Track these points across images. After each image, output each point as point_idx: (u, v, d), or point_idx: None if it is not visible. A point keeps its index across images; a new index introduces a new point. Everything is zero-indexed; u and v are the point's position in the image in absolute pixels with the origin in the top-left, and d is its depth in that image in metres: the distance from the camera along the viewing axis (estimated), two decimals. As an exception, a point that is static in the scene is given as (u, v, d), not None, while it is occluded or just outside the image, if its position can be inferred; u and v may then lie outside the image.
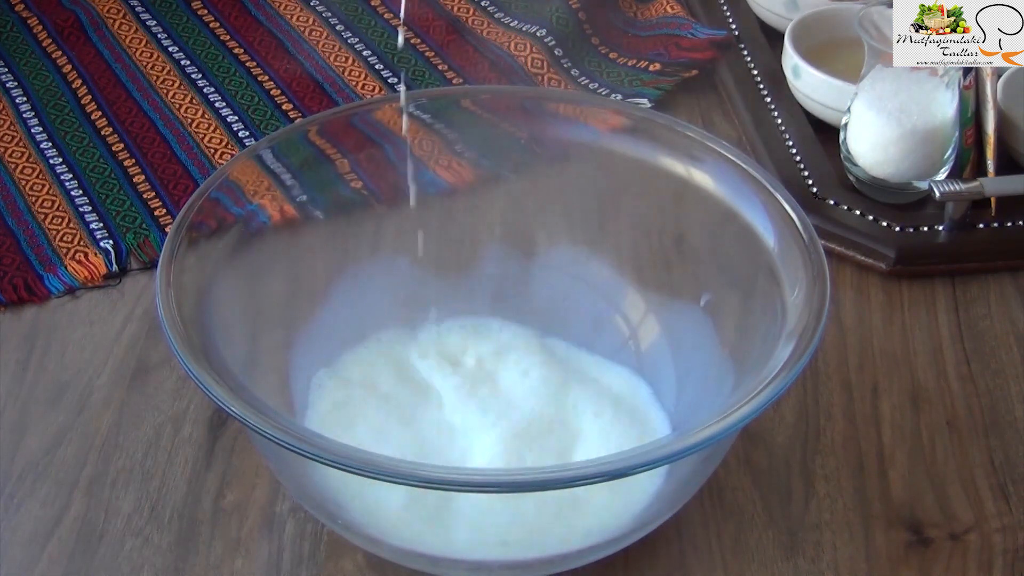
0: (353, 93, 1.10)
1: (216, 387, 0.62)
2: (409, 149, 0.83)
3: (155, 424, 0.80)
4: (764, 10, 1.13)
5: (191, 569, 0.72)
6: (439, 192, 0.90)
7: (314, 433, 0.61)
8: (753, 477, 0.77)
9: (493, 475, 0.64)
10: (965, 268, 0.91)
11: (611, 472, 0.60)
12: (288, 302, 0.79)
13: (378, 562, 0.72)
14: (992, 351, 0.85)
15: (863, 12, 0.91)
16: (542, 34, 1.14)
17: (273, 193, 0.78)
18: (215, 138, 1.05)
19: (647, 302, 0.81)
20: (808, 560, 0.72)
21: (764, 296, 0.71)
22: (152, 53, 1.15)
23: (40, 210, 0.97)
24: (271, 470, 0.75)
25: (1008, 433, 0.80)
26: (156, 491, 0.76)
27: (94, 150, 1.04)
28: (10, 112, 1.08)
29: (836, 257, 0.91)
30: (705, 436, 0.60)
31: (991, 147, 0.93)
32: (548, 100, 0.86)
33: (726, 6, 1.16)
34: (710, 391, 0.73)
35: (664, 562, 0.72)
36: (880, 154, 0.93)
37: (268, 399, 0.65)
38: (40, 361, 0.85)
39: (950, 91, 0.91)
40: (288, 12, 1.20)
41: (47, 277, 0.91)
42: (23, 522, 0.75)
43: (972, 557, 0.73)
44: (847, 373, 0.83)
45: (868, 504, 0.75)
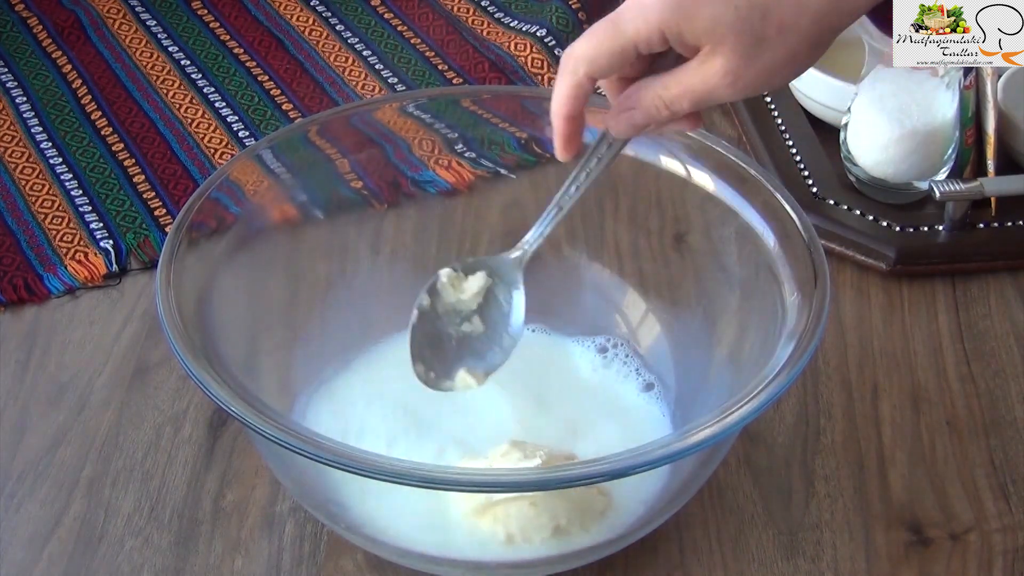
0: (353, 93, 1.10)
1: (216, 387, 0.62)
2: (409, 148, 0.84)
3: (155, 424, 0.80)
4: (764, 10, 1.13)
5: (191, 569, 0.72)
6: (439, 192, 0.90)
7: (314, 433, 0.61)
8: (753, 477, 0.77)
9: (493, 475, 0.64)
10: (965, 268, 0.91)
11: (611, 472, 0.60)
12: (288, 302, 0.79)
13: (378, 562, 0.72)
14: (992, 351, 0.85)
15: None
16: (542, 34, 1.14)
17: (273, 193, 0.78)
18: (215, 138, 1.05)
19: (647, 302, 0.81)
20: (808, 560, 0.72)
21: (764, 296, 0.71)
22: (152, 53, 1.15)
23: (40, 210, 0.97)
24: (271, 470, 0.75)
25: (1008, 433, 0.80)
26: (156, 491, 0.76)
27: (94, 150, 1.04)
28: (10, 112, 1.08)
29: (836, 257, 0.91)
30: (705, 436, 0.60)
31: (991, 147, 0.93)
32: (548, 100, 0.86)
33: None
34: (710, 391, 0.74)
35: (664, 562, 0.72)
36: (880, 154, 0.93)
37: (268, 399, 0.65)
38: (40, 361, 0.85)
39: (950, 91, 0.91)
40: (288, 12, 1.20)
41: (47, 277, 0.91)
42: (23, 522, 0.75)
43: (972, 557, 0.73)
44: (847, 373, 0.83)
45: (868, 504, 0.75)
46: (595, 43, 0.60)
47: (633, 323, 0.81)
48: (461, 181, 0.92)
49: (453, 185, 0.91)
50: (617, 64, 0.60)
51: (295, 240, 0.80)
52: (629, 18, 0.59)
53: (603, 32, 0.60)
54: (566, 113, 0.63)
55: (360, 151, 0.82)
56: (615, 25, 0.59)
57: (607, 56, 0.60)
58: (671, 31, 0.58)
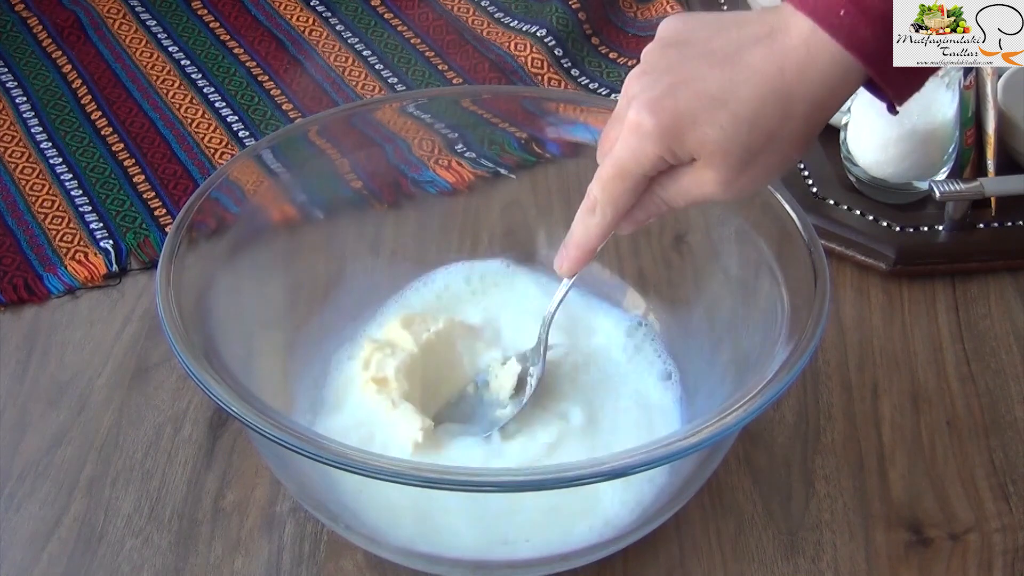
0: (353, 93, 1.10)
1: (216, 387, 0.62)
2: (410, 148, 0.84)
3: (155, 424, 0.80)
4: (764, 10, 1.13)
5: (191, 569, 0.72)
6: (439, 192, 0.90)
7: (314, 433, 0.61)
8: (753, 477, 0.77)
9: (493, 475, 0.64)
10: (965, 268, 0.91)
11: (611, 472, 0.60)
12: (288, 302, 0.79)
13: (378, 562, 0.72)
14: (992, 351, 0.85)
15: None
16: (542, 34, 1.14)
17: (273, 193, 0.78)
18: (215, 138, 1.05)
19: (647, 302, 0.81)
20: (808, 560, 0.72)
21: (764, 296, 0.71)
22: (152, 53, 1.15)
23: (40, 210, 0.97)
24: (271, 470, 0.75)
25: (1008, 433, 0.80)
26: (156, 491, 0.76)
27: (94, 150, 1.04)
28: (10, 112, 1.08)
29: (836, 257, 0.91)
30: (705, 436, 0.60)
31: (991, 147, 0.93)
32: (548, 100, 0.86)
33: (726, 6, 1.16)
34: (710, 391, 0.74)
35: (664, 561, 0.72)
36: (880, 154, 0.93)
37: (268, 399, 0.65)
38: (40, 361, 0.85)
39: (950, 91, 0.91)
40: (288, 12, 1.20)
41: (47, 277, 0.91)
42: (23, 522, 0.75)
43: (972, 557, 0.73)
44: (847, 373, 0.83)
45: (868, 504, 0.75)
46: (611, 187, 0.63)
47: (633, 323, 0.81)
48: (461, 181, 0.92)
49: (453, 185, 0.91)
50: (635, 196, 0.63)
51: (295, 240, 0.80)
52: (629, 156, 0.61)
53: (614, 174, 0.63)
54: (595, 248, 0.67)
55: (360, 151, 0.82)
56: (619, 166, 0.62)
57: (625, 195, 0.63)
58: (667, 154, 0.61)
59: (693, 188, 0.62)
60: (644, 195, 0.63)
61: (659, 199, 0.63)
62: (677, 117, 0.59)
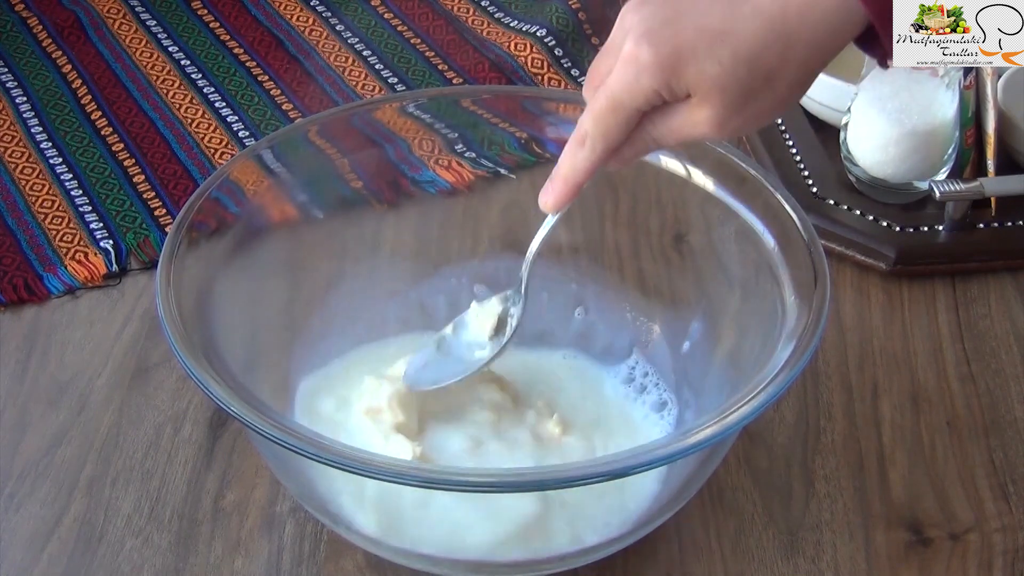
0: (353, 93, 1.10)
1: (216, 387, 0.62)
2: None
3: (155, 424, 0.80)
4: (764, 10, 1.13)
5: (191, 569, 0.72)
6: (439, 192, 0.90)
7: (314, 433, 0.61)
8: (753, 477, 0.77)
9: (493, 475, 0.64)
10: (965, 268, 0.91)
11: (611, 472, 0.60)
12: (288, 302, 0.79)
13: (378, 562, 0.72)
14: (992, 351, 0.85)
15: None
16: (542, 34, 1.14)
17: (273, 193, 0.78)
18: (215, 138, 1.05)
19: (647, 302, 0.81)
20: (808, 560, 0.72)
21: (764, 296, 0.71)
22: (152, 53, 1.15)
23: (40, 210, 0.97)
24: (271, 470, 0.75)
25: (1008, 433, 0.80)
26: (156, 491, 0.76)
27: (94, 150, 1.04)
28: (10, 112, 1.08)
29: (836, 257, 0.91)
30: (705, 436, 0.60)
31: (991, 147, 0.93)
32: (548, 100, 0.86)
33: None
34: (710, 391, 0.74)
35: (664, 562, 0.72)
36: (880, 154, 0.93)
37: (268, 399, 0.65)
38: (40, 361, 0.85)
39: (950, 91, 0.91)
40: (288, 12, 1.20)
41: (47, 277, 0.91)
42: (23, 522, 0.75)
43: (972, 557, 0.73)
44: (847, 373, 0.83)
45: (868, 504, 0.75)
46: (603, 120, 0.61)
47: (633, 323, 0.81)
48: (461, 181, 0.92)
49: (453, 185, 0.91)
50: (627, 131, 0.62)
51: (295, 240, 0.80)
52: (623, 89, 0.60)
53: (606, 107, 0.61)
54: (582, 183, 0.64)
55: (360, 151, 0.82)
56: (613, 98, 0.61)
57: (617, 129, 0.62)
58: (664, 89, 0.59)
59: (686, 126, 0.60)
60: (634, 132, 0.62)
61: (649, 137, 0.62)
62: (677, 50, 0.58)
